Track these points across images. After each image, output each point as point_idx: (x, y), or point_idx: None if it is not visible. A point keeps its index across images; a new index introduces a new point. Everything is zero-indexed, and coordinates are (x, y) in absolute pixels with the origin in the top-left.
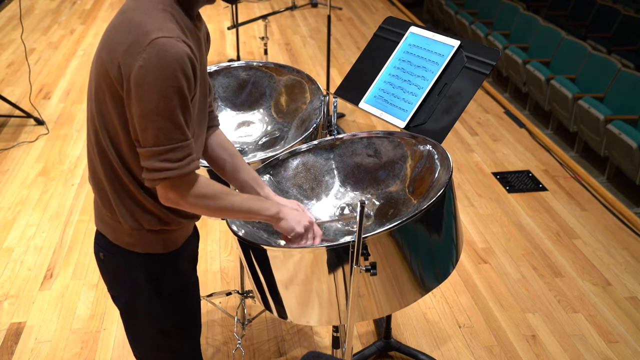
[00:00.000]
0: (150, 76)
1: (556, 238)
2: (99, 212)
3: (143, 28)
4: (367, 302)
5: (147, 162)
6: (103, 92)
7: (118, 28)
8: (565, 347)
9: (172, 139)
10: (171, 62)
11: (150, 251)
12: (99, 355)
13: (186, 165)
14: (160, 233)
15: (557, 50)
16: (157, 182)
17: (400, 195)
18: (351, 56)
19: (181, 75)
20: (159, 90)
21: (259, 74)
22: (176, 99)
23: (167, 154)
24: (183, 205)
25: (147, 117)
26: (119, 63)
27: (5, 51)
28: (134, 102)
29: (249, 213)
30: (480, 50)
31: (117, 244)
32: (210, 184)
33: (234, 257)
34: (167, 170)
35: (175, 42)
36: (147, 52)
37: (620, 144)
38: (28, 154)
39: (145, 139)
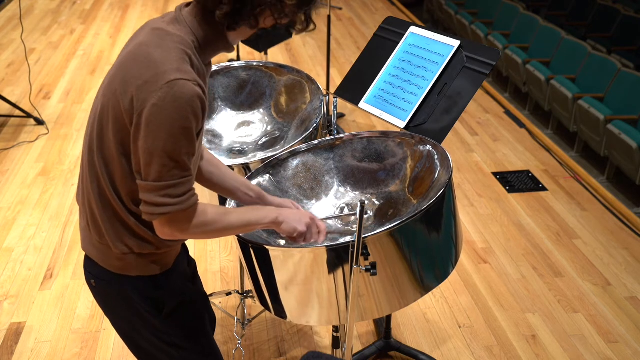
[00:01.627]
0: (163, 115)
1: (556, 238)
2: (87, 236)
3: (162, 67)
4: (367, 302)
5: (147, 196)
6: (107, 119)
7: (136, 61)
8: (565, 347)
9: (174, 175)
10: (185, 104)
11: (142, 274)
12: (99, 355)
13: (186, 201)
14: (151, 256)
15: (557, 50)
16: (155, 216)
17: (400, 195)
18: (351, 56)
19: (192, 117)
20: (168, 130)
21: (259, 74)
22: (183, 140)
23: (168, 190)
24: (181, 237)
25: (153, 153)
26: (132, 96)
27: (5, 51)
28: (142, 137)
29: (248, 226)
30: (480, 50)
31: (108, 268)
32: (206, 211)
33: (234, 257)
34: (167, 206)
35: (191, 85)
36: (163, 92)
37: (620, 144)
38: (28, 154)
39: (148, 173)
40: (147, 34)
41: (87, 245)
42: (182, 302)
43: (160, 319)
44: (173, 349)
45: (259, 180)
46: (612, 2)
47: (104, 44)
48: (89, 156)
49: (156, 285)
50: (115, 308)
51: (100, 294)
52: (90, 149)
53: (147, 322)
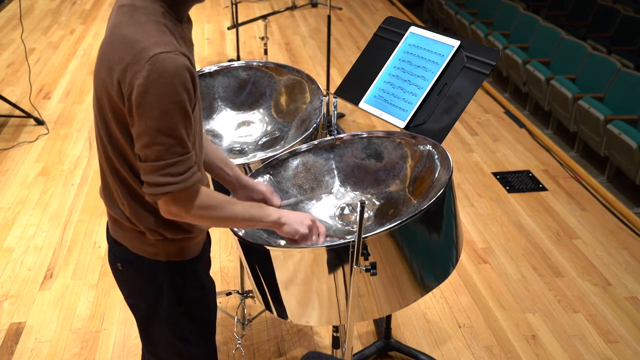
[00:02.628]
0: (151, 94)
1: (556, 238)
2: (117, 225)
3: (140, 44)
4: (367, 302)
5: (148, 177)
6: (105, 110)
7: (112, 45)
8: (565, 347)
9: (174, 153)
10: (172, 77)
11: (173, 259)
12: (99, 355)
13: (188, 179)
14: (182, 241)
15: (557, 50)
16: (158, 196)
17: (400, 195)
18: (351, 56)
19: (182, 90)
20: (160, 107)
21: (259, 74)
22: (178, 114)
23: (168, 169)
24: (186, 218)
25: (149, 133)
26: (118, 81)
27: (5, 51)
28: (136, 120)
29: (250, 221)
30: (480, 50)
31: (139, 253)
32: (212, 195)
33: (234, 257)
34: (168, 185)
35: (174, 57)
36: (146, 70)
37: (620, 144)
38: (28, 154)
39: (147, 154)
40: (116, 14)
41: (117, 230)
42: (202, 294)
43: (179, 307)
44: (181, 343)
45: (259, 180)
46: (612, 2)
47: None
48: (104, 153)
49: (183, 271)
50: (139, 293)
51: (126, 279)
52: (103, 146)
53: (166, 310)
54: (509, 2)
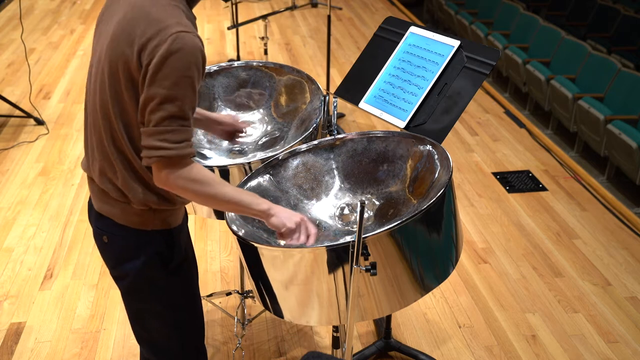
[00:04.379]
0: (168, 65)
1: (556, 238)
2: (102, 196)
3: (164, 22)
4: (367, 302)
5: (147, 141)
6: (119, 82)
7: (136, 21)
8: (565, 347)
9: (174, 122)
10: (188, 54)
11: (156, 228)
12: (99, 355)
13: (183, 148)
14: (166, 212)
15: (557, 50)
16: (153, 159)
17: (400, 195)
18: (351, 56)
19: (194, 68)
20: (172, 78)
21: (259, 74)
22: (187, 88)
23: (167, 134)
24: (174, 186)
25: (156, 100)
26: (140, 54)
27: (5, 51)
28: (147, 86)
29: (238, 205)
30: (480, 50)
31: (124, 224)
32: (203, 171)
33: (234, 257)
34: (164, 150)
35: (192, 37)
36: (167, 43)
37: (620, 144)
38: (28, 154)
39: (150, 119)
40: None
41: (103, 204)
42: (185, 259)
43: (165, 272)
44: (170, 310)
45: (259, 180)
46: (612, 2)
47: None
48: (105, 121)
49: (168, 239)
50: (126, 262)
51: (113, 250)
52: (105, 115)
53: (152, 276)
54: (509, 2)
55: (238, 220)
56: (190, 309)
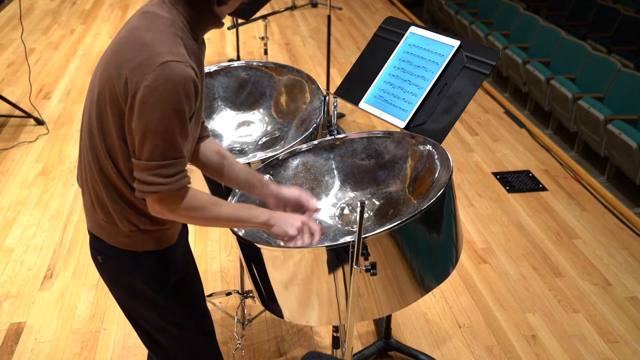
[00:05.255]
0: (155, 96)
1: (556, 238)
2: (92, 216)
3: (155, 49)
4: (367, 302)
5: (139, 174)
6: (105, 103)
7: (128, 45)
8: (565, 347)
9: (167, 156)
10: (177, 85)
11: (148, 249)
12: (99, 355)
13: (177, 182)
14: (156, 232)
15: (557, 50)
16: (146, 194)
17: (400, 195)
18: (351, 56)
19: (184, 99)
20: (161, 111)
21: (259, 74)
22: (176, 121)
23: (160, 169)
24: (170, 217)
25: (146, 133)
26: (126, 79)
27: (5, 51)
28: (136, 118)
29: (237, 222)
30: (480, 50)
31: (115, 245)
32: (197, 197)
33: (234, 257)
34: (157, 185)
35: (183, 67)
36: (155, 73)
37: (620, 144)
38: (28, 154)
39: (141, 152)
40: (138, 18)
41: (93, 225)
42: (183, 278)
43: (163, 295)
44: (173, 328)
45: None
46: (612, 2)
47: (104, 44)
48: (90, 140)
49: (161, 260)
50: (121, 284)
51: (107, 271)
52: (90, 133)
53: (150, 299)
54: (509, 2)
55: None
56: (197, 324)
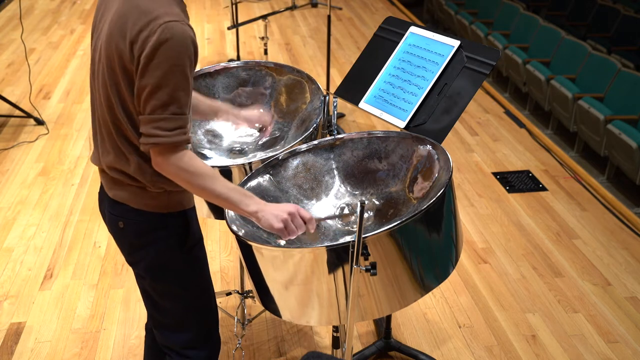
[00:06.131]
0: (160, 54)
1: (556, 238)
2: (115, 184)
3: (153, 13)
4: (367, 302)
5: (143, 128)
6: (117, 75)
7: (127, 14)
8: (565, 347)
9: (167, 110)
10: (178, 43)
11: (172, 210)
12: (99, 355)
13: (175, 135)
14: (179, 193)
15: (557, 50)
16: (148, 146)
17: (400, 195)
18: (351, 56)
19: (185, 56)
20: (163, 68)
21: (259, 74)
22: (179, 76)
23: (160, 122)
24: (167, 172)
25: (149, 89)
26: (131, 43)
27: (5, 51)
28: (140, 76)
29: (226, 202)
30: (480, 50)
31: (140, 208)
32: (194, 161)
33: (234, 257)
34: (157, 137)
35: (182, 26)
36: (157, 34)
37: (620, 144)
38: (28, 154)
39: (145, 108)
40: None
41: (117, 191)
42: (198, 240)
43: (181, 254)
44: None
45: (259, 180)
46: (612, 2)
47: None
48: (110, 114)
49: (183, 220)
50: (142, 246)
51: (129, 235)
52: (110, 107)
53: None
54: (509, 2)
55: (238, 220)
56: (204, 290)
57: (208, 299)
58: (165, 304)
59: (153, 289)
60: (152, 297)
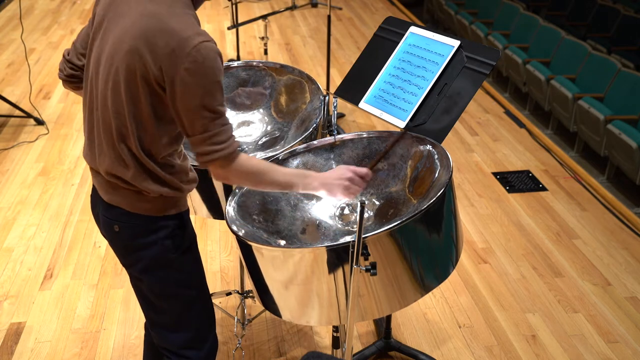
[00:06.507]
0: (197, 75)
1: (556, 238)
2: (110, 188)
3: (184, 34)
4: (367, 302)
5: (199, 148)
6: (137, 88)
7: (153, 31)
8: (565, 347)
9: (217, 125)
10: (212, 61)
11: (167, 213)
12: (99, 355)
13: (230, 145)
14: (175, 197)
15: (557, 50)
16: (209, 163)
17: (400, 195)
18: (351, 56)
19: (219, 73)
20: (204, 87)
21: (259, 74)
22: (218, 92)
23: (214, 138)
24: (232, 181)
25: (195, 110)
26: (161, 65)
27: (5, 51)
28: (180, 99)
29: (291, 188)
30: (480, 50)
31: (136, 211)
32: (252, 162)
33: (234, 257)
34: (215, 152)
35: (212, 45)
36: (192, 56)
37: (620, 144)
38: (28, 154)
39: (194, 129)
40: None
41: (112, 195)
42: (193, 242)
43: (177, 255)
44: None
45: None
46: (612, 2)
47: None
48: (117, 120)
49: (179, 222)
50: (138, 249)
51: (123, 239)
52: (117, 114)
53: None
54: (509, 2)
55: (238, 220)
56: (200, 291)
57: (204, 299)
58: (161, 305)
59: (149, 290)
60: (148, 299)
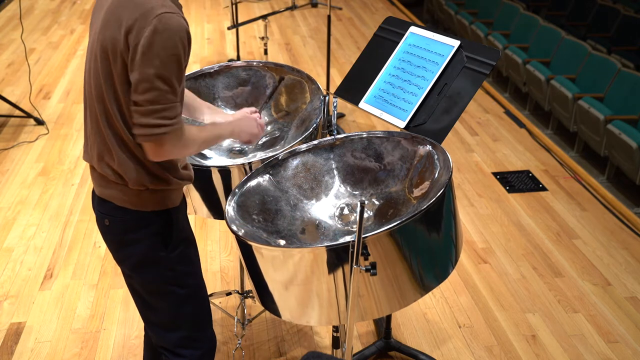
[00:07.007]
0: (155, 44)
1: (556, 238)
2: (102, 181)
3: (147, 5)
4: (367, 302)
5: (143, 119)
6: (110, 65)
7: (122, 7)
8: (565, 347)
9: (168, 99)
10: (174, 34)
11: (155, 209)
12: (99, 355)
13: (179, 122)
14: (163, 192)
15: (557, 50)
16: (153, 137)
17: (400, 195)
18: (351, 56)
19: (180, 46)
20: (161, 57)
21: (259, 74)
22: (174, 66)
23: (164, 112)
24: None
25: (148, 80)
26: (126, 33)
27: (5, 51)
28: (137, 67)
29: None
30: (480, 50)
31: (123, 205)
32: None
33: (234, 257)
34: (164, 127)
35: (177, 17)
36: (153, 25)
37: (620, 144)
38: (28, 154)
39: (145, 98)
40: None
41: (103, 189)
42: (184, 239)
43: (167, 252)
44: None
45: (259, 180)
46: (612, 2)
47: None
48: (102, 106)
49: (166, 219)
50: (127, 244)
51: (114, 232)
52: (100, 99)
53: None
54: (509, 2)
55: (238, 220)
56: (195, 289)
57: (200, 298)
58: (154, 302)
59: (141, 287)
60: (141, 296)
